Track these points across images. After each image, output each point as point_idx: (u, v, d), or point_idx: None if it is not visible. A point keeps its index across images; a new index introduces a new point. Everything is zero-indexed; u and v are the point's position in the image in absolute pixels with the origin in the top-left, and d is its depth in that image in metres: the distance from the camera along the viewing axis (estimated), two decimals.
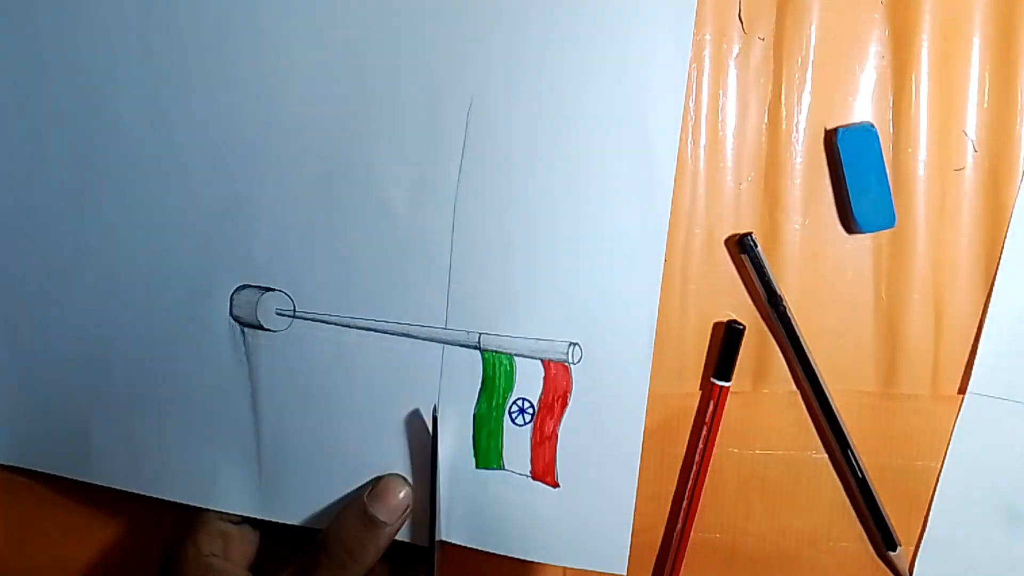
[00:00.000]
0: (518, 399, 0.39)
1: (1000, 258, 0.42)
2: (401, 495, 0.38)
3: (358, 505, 0.38)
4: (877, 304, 0.42)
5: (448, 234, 0.38)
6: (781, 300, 0.41)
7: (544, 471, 0.39)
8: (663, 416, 0.42)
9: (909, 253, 0.42)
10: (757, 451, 0.43)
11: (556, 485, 0.39)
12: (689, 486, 0.42)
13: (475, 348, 0.39)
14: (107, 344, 0.41)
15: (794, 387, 0.42)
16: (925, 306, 0.42)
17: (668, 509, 0.43)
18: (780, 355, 0.42)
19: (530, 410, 0.39)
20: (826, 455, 0.43)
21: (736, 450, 0.43)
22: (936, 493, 0.43)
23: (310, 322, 0.39)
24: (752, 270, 0.41)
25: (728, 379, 0.41)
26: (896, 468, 0.43)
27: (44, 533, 0.44)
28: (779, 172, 0.42)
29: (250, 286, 0.40)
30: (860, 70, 0.41)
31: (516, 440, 0.39)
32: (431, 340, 0.39)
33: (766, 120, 0.42)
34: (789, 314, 0.41)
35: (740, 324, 0.41)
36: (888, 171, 0.41)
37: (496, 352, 0.39)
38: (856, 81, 0.41)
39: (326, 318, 0.39)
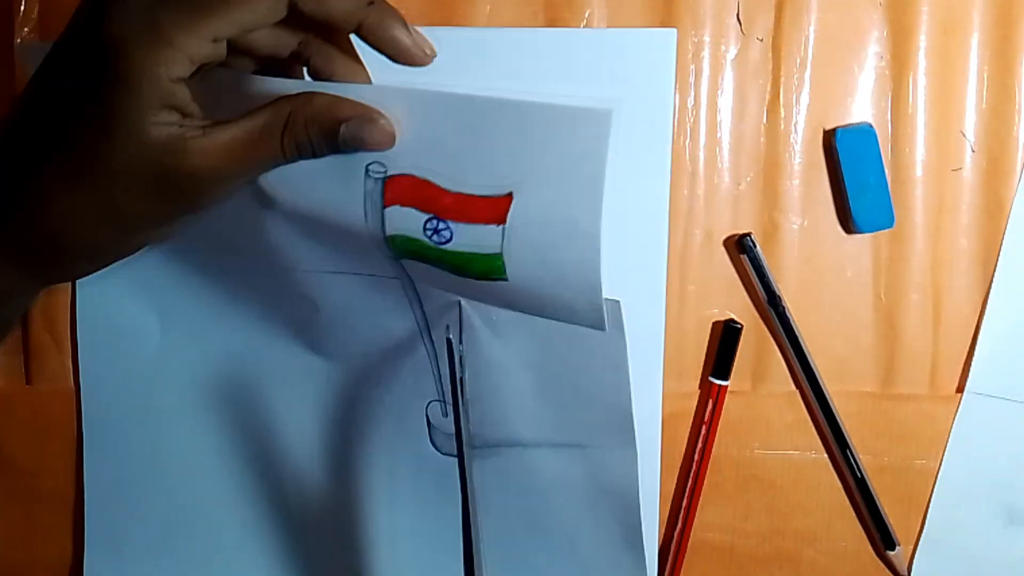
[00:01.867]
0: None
1: (998, 258, 0.42)
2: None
3: None
4: (876, 304, 0.42)
5: None
6: (780, 300, 0.41)
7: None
8: (662, 416, 0.42)
9: (907, 253, 0.42)
10: (756, 451, 0.43)
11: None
12: (688, 486, 0.42)
13: None
14: None
15: (793, 387, 0.43)
16: (923, 306, 0.42)
17: (667, 509, 0.43)
18: (779, 355, 0.42)
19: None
20: (825, 455, 0.43)
21: (735, 450, 0.43)
22: (935, 492, 0.43)
23: None
24: (751, 270, 0.41)
25: (726, 378, 0.42)
26: (895, 467, 0.43)
27: (44, 533, 0.44)
28: (778, 172, 0.42)
29: None
30: (858, 70, 0.41)
31: None
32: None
33: (765, 120, 0.42)
34: (788, 314, 0.41)
35: (738, 323, 0.42)
36: (886, 171, 0.41)
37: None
38: (854, 81, 0.41)
39: None
